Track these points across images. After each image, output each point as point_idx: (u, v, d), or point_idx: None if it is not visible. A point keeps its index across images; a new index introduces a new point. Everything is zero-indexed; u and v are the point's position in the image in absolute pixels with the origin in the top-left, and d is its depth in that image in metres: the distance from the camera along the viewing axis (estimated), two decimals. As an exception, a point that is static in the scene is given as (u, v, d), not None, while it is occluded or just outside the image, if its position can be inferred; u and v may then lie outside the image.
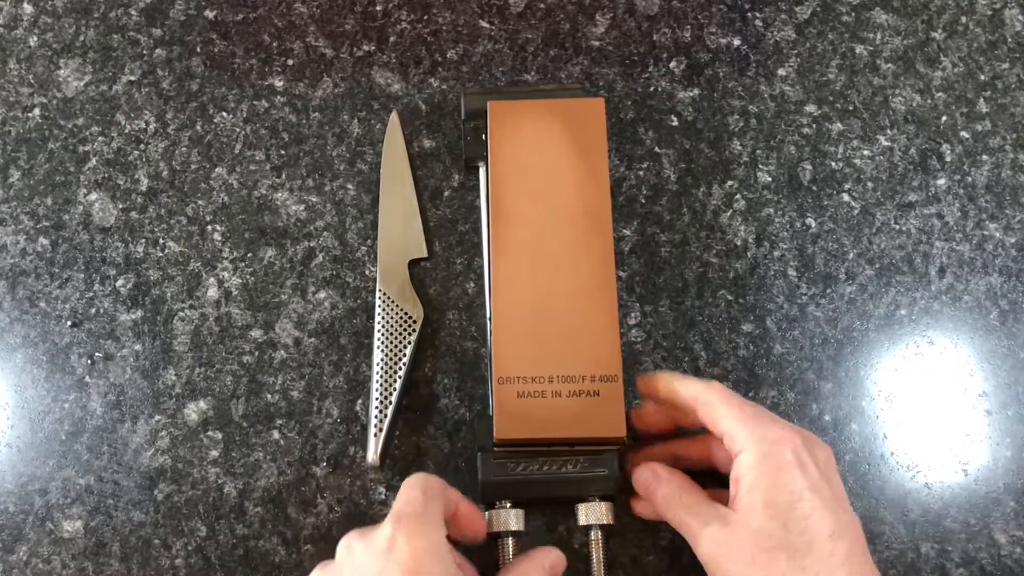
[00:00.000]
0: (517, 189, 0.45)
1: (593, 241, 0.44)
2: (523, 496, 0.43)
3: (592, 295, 0.44)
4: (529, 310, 0.43)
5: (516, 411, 0.42)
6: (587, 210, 0.45)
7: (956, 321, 0.49)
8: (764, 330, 0.48)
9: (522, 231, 0.45)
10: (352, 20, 0.54)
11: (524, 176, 0.46)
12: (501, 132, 0.47)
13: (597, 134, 0.47)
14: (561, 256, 0.44)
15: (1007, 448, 0.47)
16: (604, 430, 0.42)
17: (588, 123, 0.47)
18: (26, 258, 0.50)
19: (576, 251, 0.44)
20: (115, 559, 0.45)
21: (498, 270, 0.44)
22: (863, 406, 0.47)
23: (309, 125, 0.52)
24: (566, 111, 0.47)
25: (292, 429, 0.46)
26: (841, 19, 0.54)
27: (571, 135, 0.46)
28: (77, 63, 0.53)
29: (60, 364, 0.48)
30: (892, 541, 0.45)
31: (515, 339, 0.43)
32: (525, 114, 0.47)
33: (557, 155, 0.46)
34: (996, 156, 0.52)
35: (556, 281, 0.44)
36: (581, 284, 0.44)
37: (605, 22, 0.54)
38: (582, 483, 0.42)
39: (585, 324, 0.43)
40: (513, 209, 0.45)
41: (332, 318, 0.48)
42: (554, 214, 0.45)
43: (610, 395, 0.42)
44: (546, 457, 0.42)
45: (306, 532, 0.45)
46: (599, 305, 0.43)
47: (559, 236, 0.45)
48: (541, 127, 0.47)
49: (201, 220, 0.50)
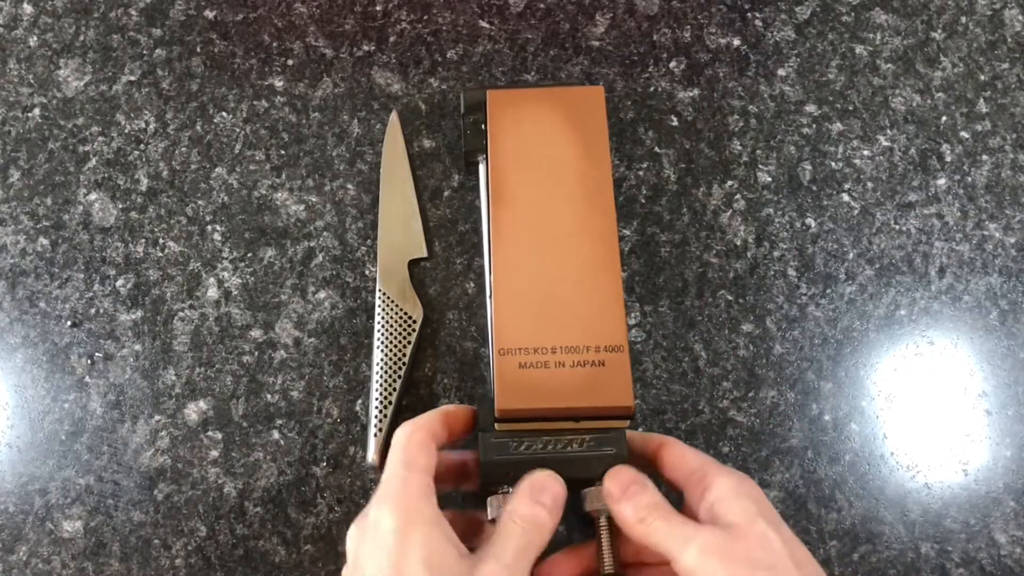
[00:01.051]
0: (518, 173, 0.45)
1: (596, 221, 0.44)
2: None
3: (595, 269, 0.43)
4: (531, 284, 0.43)
5: (518, 382, 0.40)
6: (589, 192, 0.44)
7: (956, 321, 0.49)
8: (764, 330, 0.48)
9: (523, 212, 0.44)
10: (352, 20, 0.54)
11: (525, 160, 0.45)
12: (501, 119, 0.46)
13: (598, 119, 0.46)
14: (563, 235, 0.44)
15: (1007, 448, 0.47)
16: (611, 399, 0.40)
17: (588, 109, 0.46)
18: (26, 258, 0.50)
19: (578, 230, 0.44)
20: (115, 559, 0.45)
21: (499, 250, 0.43)
22: (863, 406, 0.47)
23: (309, 125, 0.52)
24: (565, 98, 0.47)
25: (292, 429, 0.46)
26: (841, 19, 0.54)
27: (571, 120, 0.46)
28: (77, 63, 0.53)
29: (60, 364, 0.48)
30: (892, 541, 0.45)
31: (516, 311, 0.42)
32: (525, 102, 0.47)
33: (557, 139, 0.46)
34: (996, 156, 0.52)
35: (558, 258, 0.43)
36: (584, 260, 0.43)
37: (605, 22, 0.54)
38: (589, 463, 0.40)
39: (589, 296, 0.42)
40: (514, 192, 0.45)
41: (332, 318, 0.48)
42: (555, 196, 0.44)
43: (616, 365, 0.41)
44: (550, 435, 0.41)
45: (306, 532, 0.45)
46: (602, 278, 0.43)
47: (561, 216, 0.44)
48: (541, 113, 0.46)
49: (201, 220, 0.50)
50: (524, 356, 0.41)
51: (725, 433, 0.47)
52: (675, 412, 0.47)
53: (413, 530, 0.35)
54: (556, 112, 0.46)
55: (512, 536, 0.37)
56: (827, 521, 0.45)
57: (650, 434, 0.42)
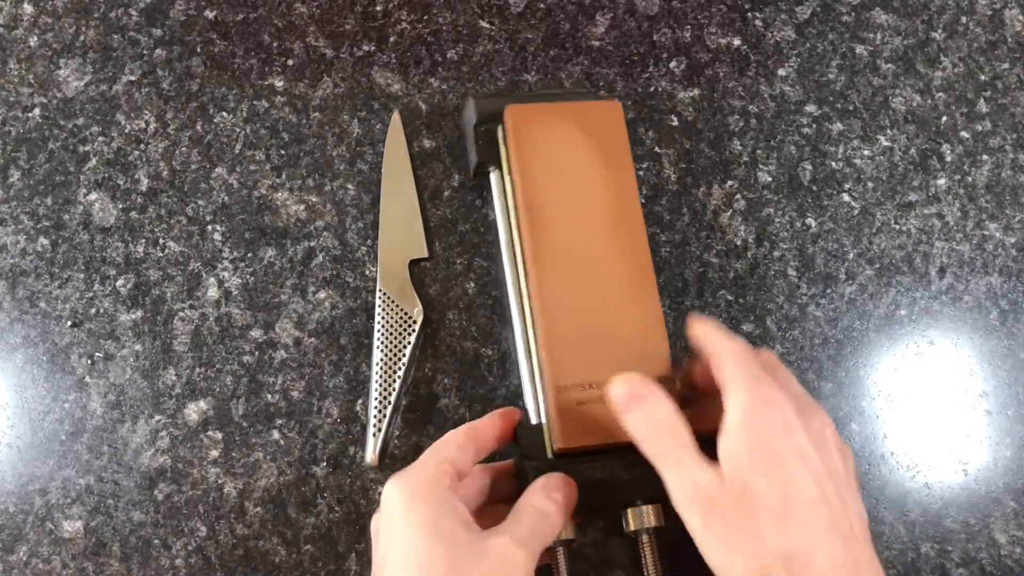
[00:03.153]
0: (548, 193, 0.44)
1: (629, 241, 0.44)
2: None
3: (635, 297, 0.43)
4: (575, 314, 0.42)
5: (576, 418, 0.40)
6: (619, 212, 0.44)
7: (956, 321, 0.49)
8: (764, 330, 0.48)
9: (558, 236, 0.43)
10: (352, 20, 0.54)
11: (552, 180, 0.44)
12: (523, 136, 0.45)
13: (619, 136, 0.46)
14: (600, 260, 0.43)
15: (1007, 448, 0.47)
16: None
17: (609, 125, 0.46)
18: (26, 258, 0.50)
19: (614, 254, 0.43)
20: (115, 559, 0.45)
21: (539, 276, 0.43)
22: (863, 406, 0.47)
23: (309, 125, 0.52)
24: (585, 113, 0.46)
25: (292, 429, 0.46)
26: (841, 19, 0.54)
27: (594, 137, 0.45)
28: (77, 63, 0.53)
29: (60, 364, 0.48)
30: (892, 541, 0.45)
31: (566, 344, 0.42)
32: (544, 118, 0.46)
33: (583, 158, 0.45)
34: (996, 156, 0.52)
35: (598, 283, 0.43)
36: (623, 286, 0.43)
37: (605, 22, 0.54)
38: (634, 486, 0.40)
39: (631, 326, 0.42)
40: (547, 214, 0.44)
41: (332, 318, 0.48)
42: (588, 218, 0.44)
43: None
44: (595, 462, 0.41)
45: (306, 532, 0.45)
46: (643, 306, 0.43)
47: (596, 240, 0.44)
48: (563, 130, 0.45)
49: (201, 220, 0.50)
50: (579, 393, 0.41)
51: (725, 433, 0.46)
52: (675, 412, 0.47)
53: (420, 503, 0.36)
54: (578, 129, 0.45)
55: (525, 518, 0.37)
56: (827, 521, 0.45)
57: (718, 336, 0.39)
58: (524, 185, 0.44)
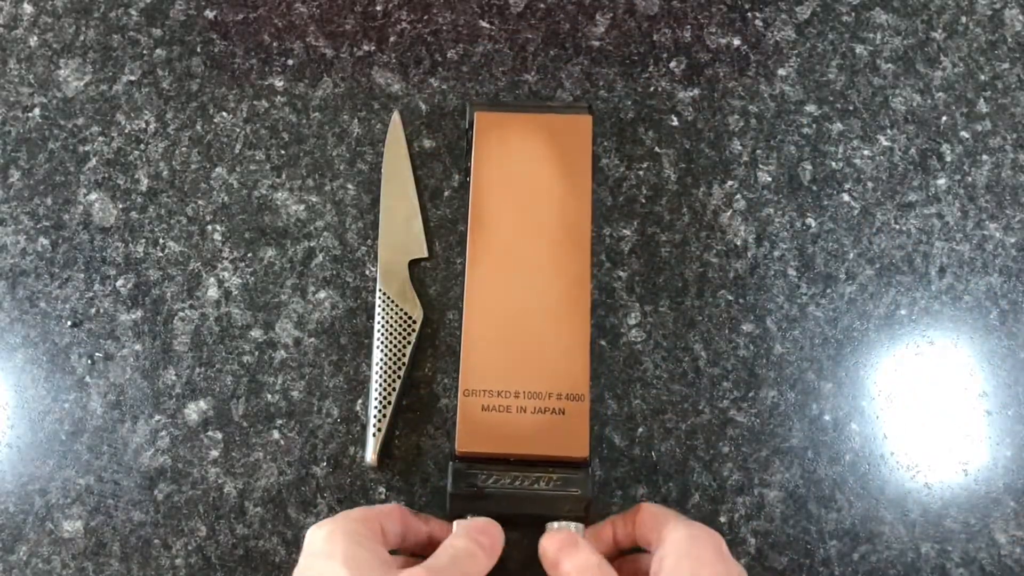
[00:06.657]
0: (498, 199, 0.45)
1: (571, 257, 0.44)
2: (492, 511, 0.41)
3: (566, 311, 0.43)
4: (500, 322, 0.43)
5: (479, 424, 0.42)
6: (567, 225, 0.45)
7: (956, 321, 0.49)
8: (764, 330, 0.48)
9: (499, 241, 0.45)
10: (352, 20, 0.54)
11: (505, 187, 0.46)
12: (486, 142, 0.47)
13: (582, 151, 0.47)
14: (537, 270, 0.44)
15: (1007, 448, 0.47)
16: (566, 449, 0.41)
17: (574, 139, 0.47)
18: (26, 258, 0.50)
19: (553, 266, 0.44)
20: (115, 559, 0.45)
21: (472, 279, 0.44)
22: (863, 406, 0.47)
23: (309, 125, 0.52)
24: (553, 126, 0.47)
25: (292, 429, 0.46)
26: (841, 19, 0.54)
27: (556, 150, 0.46)
28: (77, 63, 0.53)
29: (60, 364, 0.48)
30: (892, 541, 0.45)
31: (484, 351, 0.43)
32: (512, 126, 0.47)
33: (540, 169, 0.46)
34: (996, 156, 0.52)
35: (530, 295, 0.44)
36: (555, 300, 0.44)
37: (605, 22, 0.54)
38: (553, 502, 0.41)
39: (556, 340, 0.43)
40: (492, 219, 0.45)
41: (332, 318, 0.48)
42: (533, 227, 0.45)
43: (576, 414, 0.42)
44: (518, 472, 0.42)
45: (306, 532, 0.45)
46: (572, 322, 0.43)
47: (536, 249, 0.44)
48: (526, 140, 0.47)
49: (201, 220, 0.50)
50: (488, 399, 0.42)
51: (725, 433, 0.47)
52: (675, 412, 0.47)
53: (339, 536, 0.37)
54: (542, 140, 0.46)
55: (444, 554, 0.38)
56: (827, 521, 0.45)
57: (630, 509, 0.42)
58: (476, 189, 0.46)
